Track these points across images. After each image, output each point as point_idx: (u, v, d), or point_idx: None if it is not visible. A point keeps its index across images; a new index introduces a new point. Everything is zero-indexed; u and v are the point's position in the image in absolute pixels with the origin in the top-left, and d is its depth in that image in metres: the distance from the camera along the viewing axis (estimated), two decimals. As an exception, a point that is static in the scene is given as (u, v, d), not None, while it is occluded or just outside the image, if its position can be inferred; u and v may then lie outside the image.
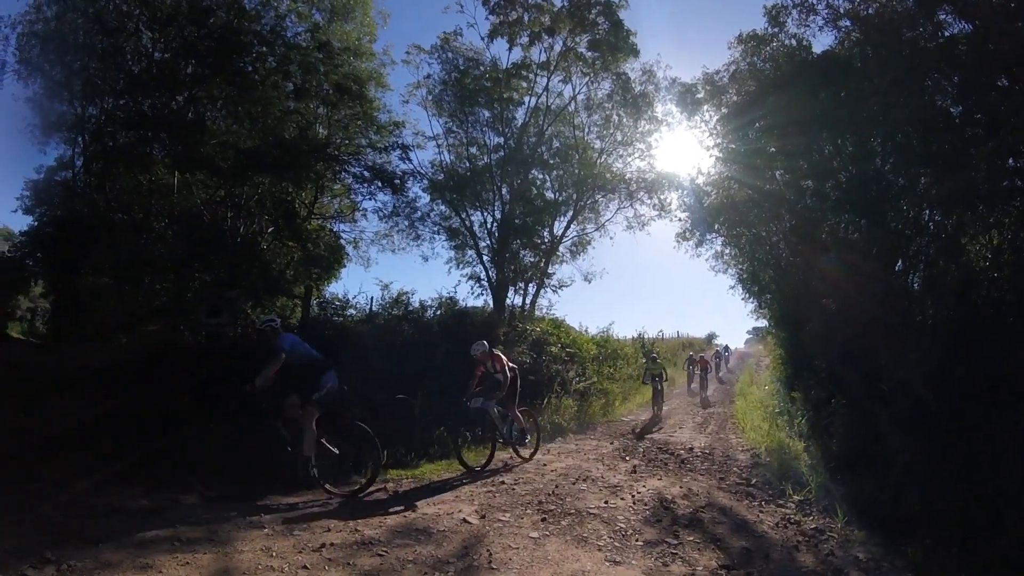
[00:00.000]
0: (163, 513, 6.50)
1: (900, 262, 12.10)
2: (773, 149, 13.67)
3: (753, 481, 8.91)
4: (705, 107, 15.58)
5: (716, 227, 16.41)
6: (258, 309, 15.46)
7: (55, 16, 15.31)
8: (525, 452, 10.07)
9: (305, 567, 5.01)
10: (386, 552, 5.39)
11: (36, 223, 18.94)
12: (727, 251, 17.61)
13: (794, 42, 13.62)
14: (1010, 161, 10.52)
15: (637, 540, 6.01)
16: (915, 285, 11.98)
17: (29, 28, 15.41)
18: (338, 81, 15.85)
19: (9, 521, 5.75)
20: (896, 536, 6.29)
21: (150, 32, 15.38)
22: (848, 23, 12.72)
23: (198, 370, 10.45)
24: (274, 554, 5.27)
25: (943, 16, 11.49)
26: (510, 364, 9.89)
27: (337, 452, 7.82)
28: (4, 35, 15.30)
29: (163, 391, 9.92)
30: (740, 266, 17.74)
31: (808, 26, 13.23)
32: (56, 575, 4.61)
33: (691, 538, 6.13)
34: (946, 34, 11.49)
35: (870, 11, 12.21)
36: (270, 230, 16.88)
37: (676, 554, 5.66)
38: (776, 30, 13.75)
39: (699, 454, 10.97)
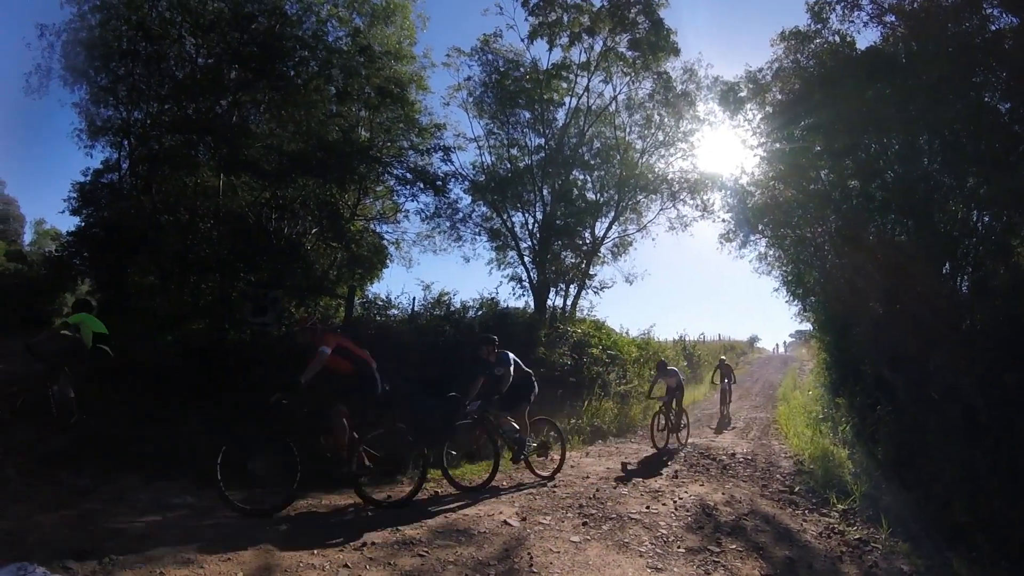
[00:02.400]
0: (205, 510, 6.60)
1: (947, 264, 11.83)
2: (818, 148, 13.43)
3: (796, 489, 8.78)
4: (748, 106, 15.35)
5: (760, 228, 16.15)
6: (302, 308, 15.69)
7: (99, 24, 15.75)
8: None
9: (346, 566, 5.05)
10: (427, 552, 5.42)
11: (83, 224, 19.50)
12: (771, 253, 17.31)
13: (838, 38, 13.39)
14: (1062, 160, 10.23)
15: (679, 547, 5.96)
16: (963, 288, 11.69)
17: (74, 36, 15.90)
18: (379, 84, 15.98)
19: (53, 515, 5.87)
20: (943, 547, 6.15)
21: (193, 38, 15.71)
22: (893, 18, 12.46)
23: (243, 368, 10.61)
24: (315, 552, 5.32)
25: (989, 10, 11.22)
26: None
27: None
28: (49, 43, 15.84)
29: (208, 389, 10.10)
30: (784, 268, 17.43)
31: (852, 22, 13.01)
32: (98, 569, 4.67)
33: (734, 546, 6.07)
34: (993, 28, 11.21)
35: (915, 5, 11.96)
36: (314, 231, 17.12)
37: (718, 562, 5.61)
38: (819, 26, 13.52)
39: (741, 460, 10.83)
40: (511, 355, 8.83)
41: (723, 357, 20.61)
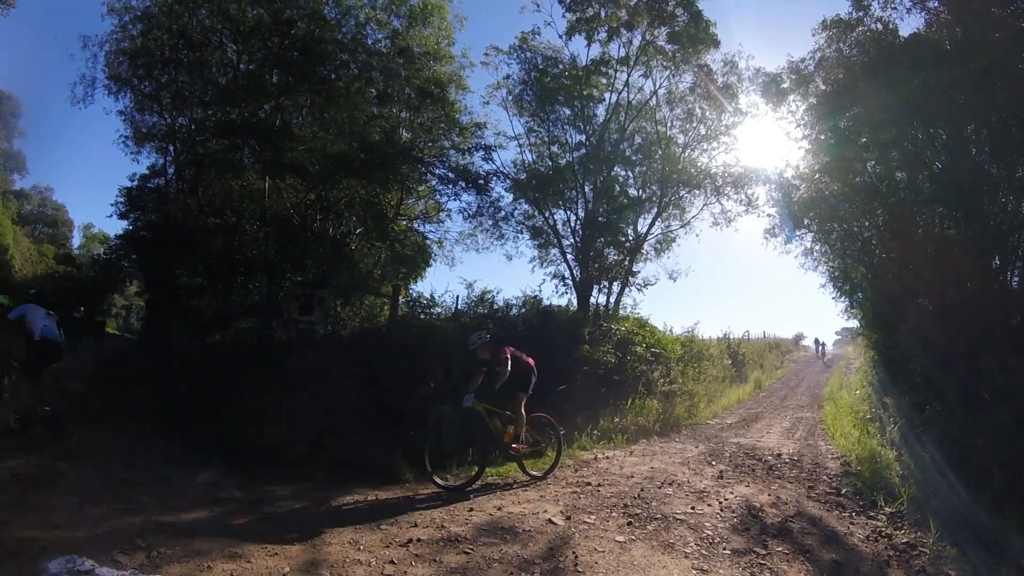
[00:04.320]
0: (253, 504, 6.79)
1: (997, 258, 11.53)
2: (864, 139, 13.15)
3: (843, 491, 8.64)
4: (791, 97, 15.10)
5: (805, 222, 15.85)
6: (347, 307, 15.94)
7: (140, 33, 16.20)
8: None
9: (392, 562, 5.15)
10: (472, 550, 5.50)
11: (130, 227, 20.13)
12: (817, 248, 16.97)
13: (880, 26, 13.09)
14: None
15: (724, 548, 5.95)
16: (1014, 283, 11.40)
17: (116, 46, 16.43)
18: (419, 85, 16.10)
19: (104, 507, 6.07)
20: (992, 553, 6.03)
21: (234, 44, 16.06)
22: (936, 3, 12.18)
23: (291, 366, 10.84)
24: (361, 547, 5.45)
25: (1036, -8, 10.92)
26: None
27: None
28: (93, 53, 16.38)
29: (257, 385, 10.34)
30: (831, 263, 17.08)
31: (895, 8, 12.72)
32: (146, 562, 4.82)
33: (780, 548, 6.03)
34: (1040, 11, 10.91)
35: (959, -11, 11.68)
36: (358, 231, 17.37)
37: (764, 564, 5.58)
38: (861, 14, 13.24)
39: (787, 460, 10.69)
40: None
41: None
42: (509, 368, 8.47)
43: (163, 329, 17.35)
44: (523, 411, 8.74)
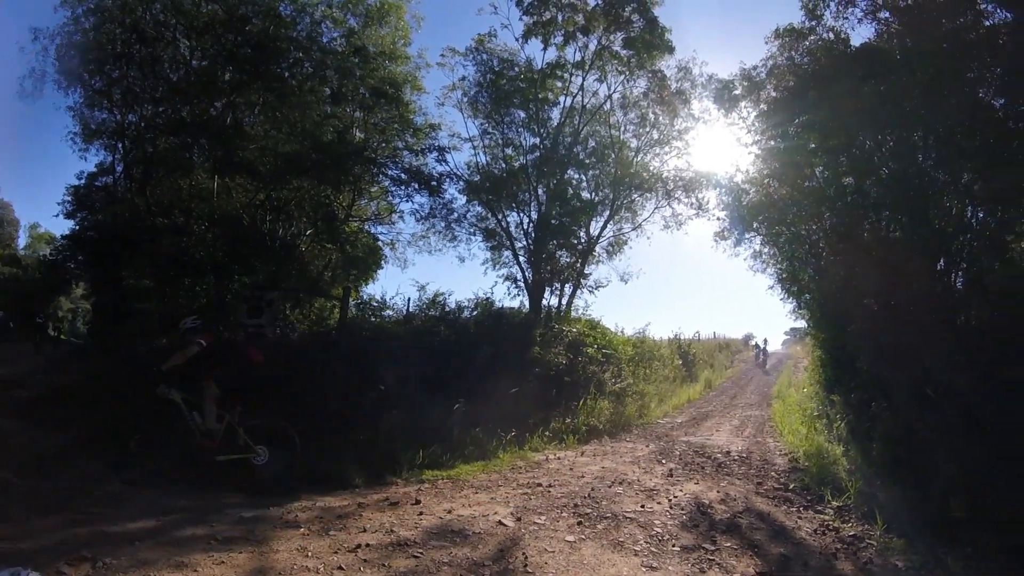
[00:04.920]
0: (201, 512, 6.62)
1: (942, 261, 11.81)
2: (813, 146, 13.38)
3: (791, 486, 8.80)
4: (743, 103, 15.28)
5: (755, 226, 16.08)
6: (297, 310, 15.70)
7: (93, 27, 15.67)
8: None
9: (340, 567, 5.07)
10: (421, 553, 5.43)
11: (77, 227, 19.52)
12: (766, 250, 17.24)
13: (832, 35, 13.33)
14: (1056, 155, 10.21)
15: (674, 545, 5.97)
16: (958, 284, 11.69)
17: (68, 39, 15.83)
18: (374, 85, 15.97)
19: (51, 517, 5.92)
20: (938, 544, 6.16)
21: (187, 40, 15.69)
22: (887, 15, 12.41)
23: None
24: (310, 554, 5.34)
25: (984, 5, 11.18)
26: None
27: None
28: (44, 46, 15.79)
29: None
30: (779, 265, 17.38)
31: (846, 19, 12.92)
32: (92, 572, 4.71)
33: (728, 544, 6.08)
34: (987, 23, 11.19)
35: (909, 2, 11.92)
36: (309, 232, 17.13)
37: (713, 560, 5.62)
38: (814, 23, 13.46)
39: (736, 458, 10.84)
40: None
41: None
42: (190, 354, 8.03)
43: (110, 333, 16.89)
44: (210, 402, 8.17)
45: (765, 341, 40.25)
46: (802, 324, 22.36)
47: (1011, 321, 8.87)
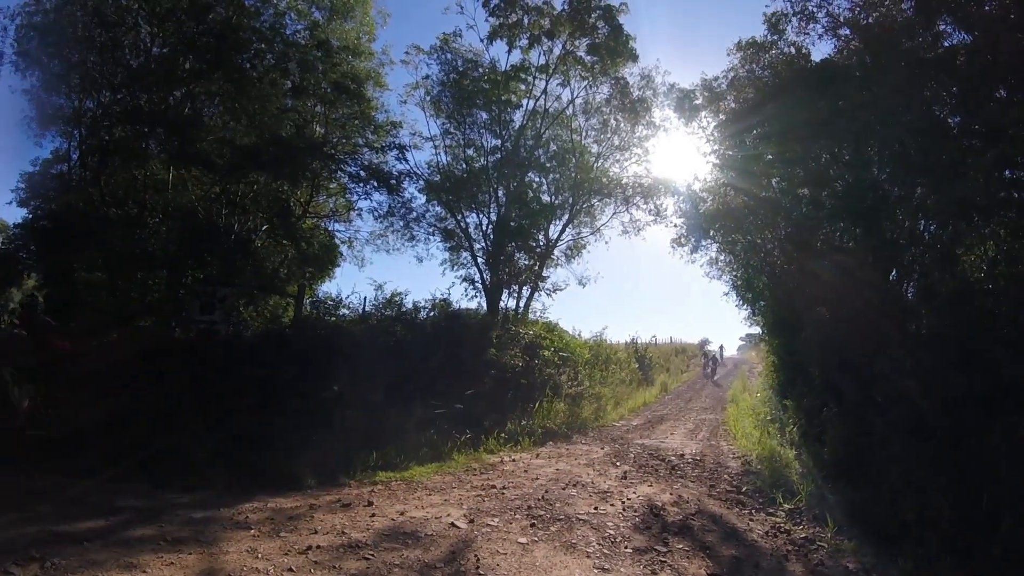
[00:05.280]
0: (151, 512, 6.48)
1: (894, 271, 12.08)
2: (770, 156, 13.61)
3: (744, 489, 8.92)
4: (703, 113, 15.49)
5: (711, 233, 16.33)
6: (250, 307, 15.43)
7: (54, 8, 15.22)
8: None
9: (290, 569, 5.01)
10: (373, 555, 5.38)
11: (31, 216, 18.87)
12: (722, 257, 17.54)
13: (793, 50, 13.58)
14: (1007, 172, 10.45)
15: (626, 547, 5.99)
16: (909, 294, 11.95)
17: (28, 20, 15.30)
18: (336, 80, 15.80)
19: (1, 518, 5.75)
20: (888, 545, 6.27)
21: (149, 26, 15.30)
22: (848, 31, 12.68)
23: (190, 368, 10.42)
24: (260, 556, 5.27)
25: (943, 26, 11.44)
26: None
27: None
28: (3, 26, 15.20)
29: (155, 389, 9.89)
30: (734, 273, 17.68)
31: (808, 34, 13.18)
32: (40, 572, 4.63)
33: (680, 546, 6.12)
34: (946, 44, 11.44)
35: (870, 20, 12.18)
36: (264, 228, 16.84)
37: (665, 562, 5.65)
38: (775, 37, 13.70)
39: (690, 460, 10.96)
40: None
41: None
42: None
43: (61, 327, 16.40)
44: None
45: (721, 348, 40.59)
46: (757, 330, 22.75)
47: (959, 330, 9.08)
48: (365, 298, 14.36)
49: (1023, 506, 6.09)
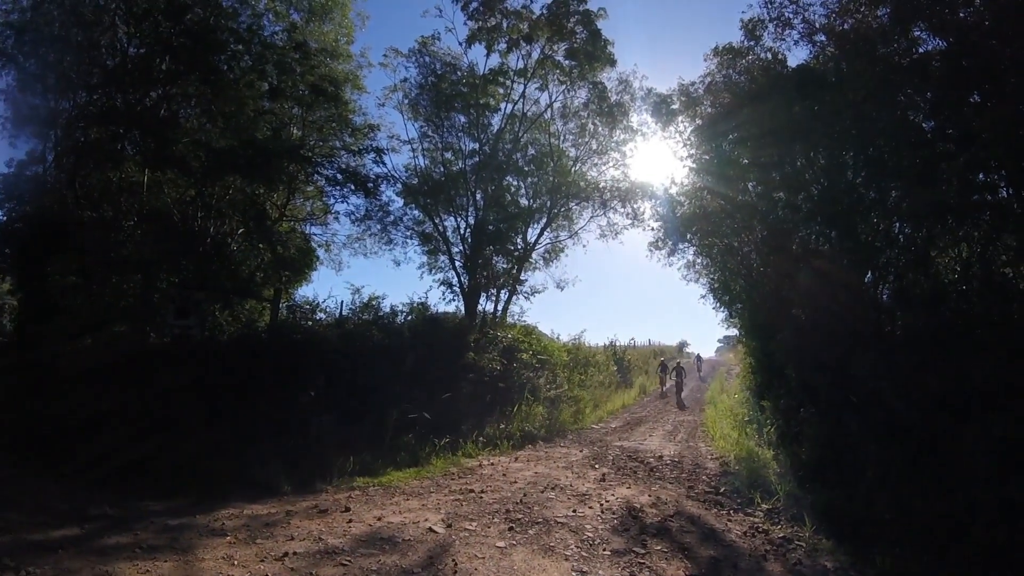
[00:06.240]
0: (126, 520, 6.43)
1: (870, 273, 12.20)
2: (746, 161, 13.72)
3: (722, 490, 8.97)
4: (680, 118, 15.62)
5: (688, 237, 16.47)
6: (226, 311, 15.26)
7: (31, 6, 14.96)
8: None
9: (267, 576, 4.94)
10: (350, 561, 5.35)
11: (5, 218, 18.56)
12: (699, 261, 17.73)
13: (770, 56, 13.71)
14: (980, 176, 10.63)
15: (605, 549, 6.00)
16: (884, 296, 12.08)
17: (4, 18, 15.04)
18: (314, 82, 15.67)
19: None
20: (865, 545, 6.32)
21: (126, 26, 15.10)
22: (823, 38, 12.80)
23: (166, 373, 10.28)
24: (236, 563, 5.22)
25: (918, 33, 11.59)
26: None
27: None
28: None
29: (130, 395, 9.75)
30: (712, 276, 17.85)
31: (784, 40, 13.31)
32: None
33: (659, 547, 6.13)
34: (920, 50, 11.58)
35: (846, 26, 12.29)
36: (240, 231, 16.64)
37: (644, 564, 5.65)
38: (752, 43, 13.84)
39: (668, 462, 11.00)
40: None
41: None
42: None
43: (35, 332, 16.14)
44: None
45: (699, 357, 40.45)
46: (734, 332, 22.92)
47: (933, 331, 9.20)
48: (342, 302, 14.30)
49: (998, 505, 6.17)
